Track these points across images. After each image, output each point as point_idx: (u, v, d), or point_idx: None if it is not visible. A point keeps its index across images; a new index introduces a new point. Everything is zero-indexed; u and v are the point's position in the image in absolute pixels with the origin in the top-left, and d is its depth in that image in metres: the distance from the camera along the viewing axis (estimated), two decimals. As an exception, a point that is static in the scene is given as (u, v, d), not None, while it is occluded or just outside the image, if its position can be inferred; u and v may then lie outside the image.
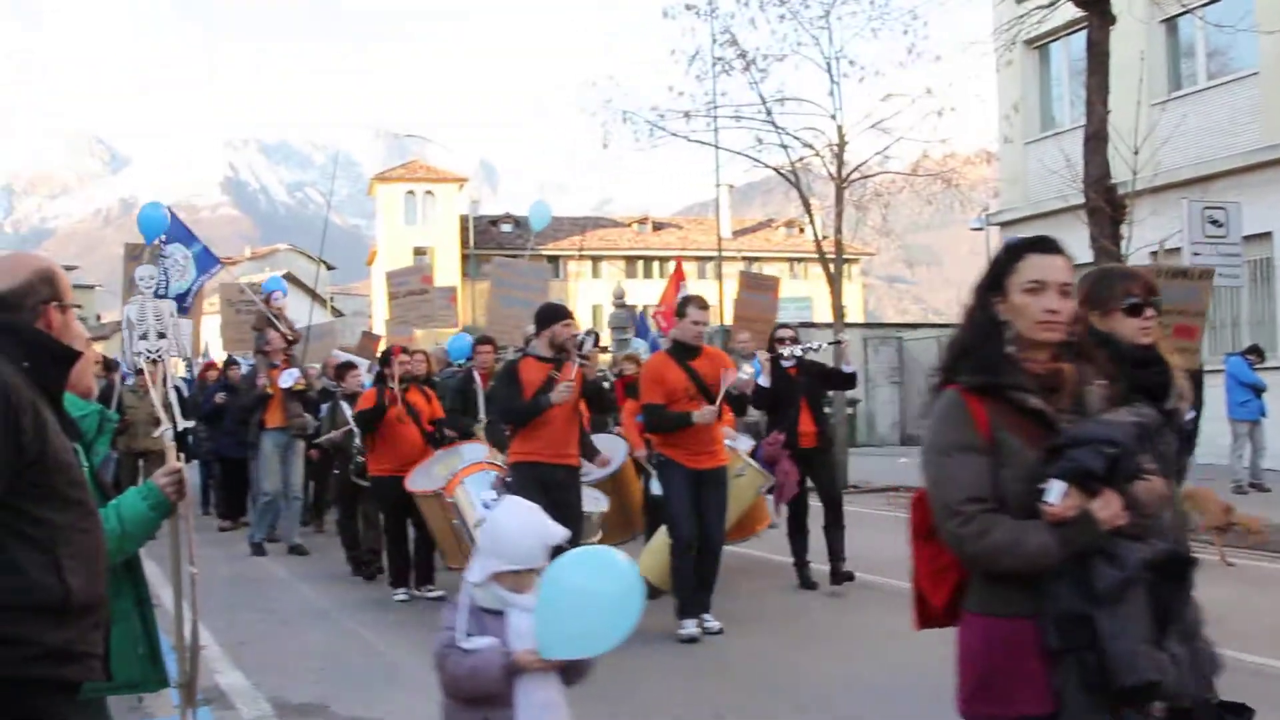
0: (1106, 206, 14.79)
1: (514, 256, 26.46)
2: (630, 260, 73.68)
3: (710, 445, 8.87)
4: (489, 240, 72.41)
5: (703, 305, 9.04)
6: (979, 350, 3.22)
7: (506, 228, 72.82)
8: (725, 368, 8.94)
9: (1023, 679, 3.01)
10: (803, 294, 58.96)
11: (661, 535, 9.27)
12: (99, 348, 44.54)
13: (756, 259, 64.44)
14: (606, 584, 3.75)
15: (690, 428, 8.65)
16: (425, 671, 7.92)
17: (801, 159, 24.95)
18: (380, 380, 11.29)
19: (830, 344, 10.84)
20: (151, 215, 16.54)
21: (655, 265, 76.02)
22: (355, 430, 11.77)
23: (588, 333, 9.10)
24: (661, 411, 8.79)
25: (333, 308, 59.90)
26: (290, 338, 15.34)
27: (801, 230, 67.22)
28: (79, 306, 3.41)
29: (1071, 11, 16.85)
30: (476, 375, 12.20)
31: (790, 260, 72.16)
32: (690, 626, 8.56)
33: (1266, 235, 19.57)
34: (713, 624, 8.75)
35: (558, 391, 8.38)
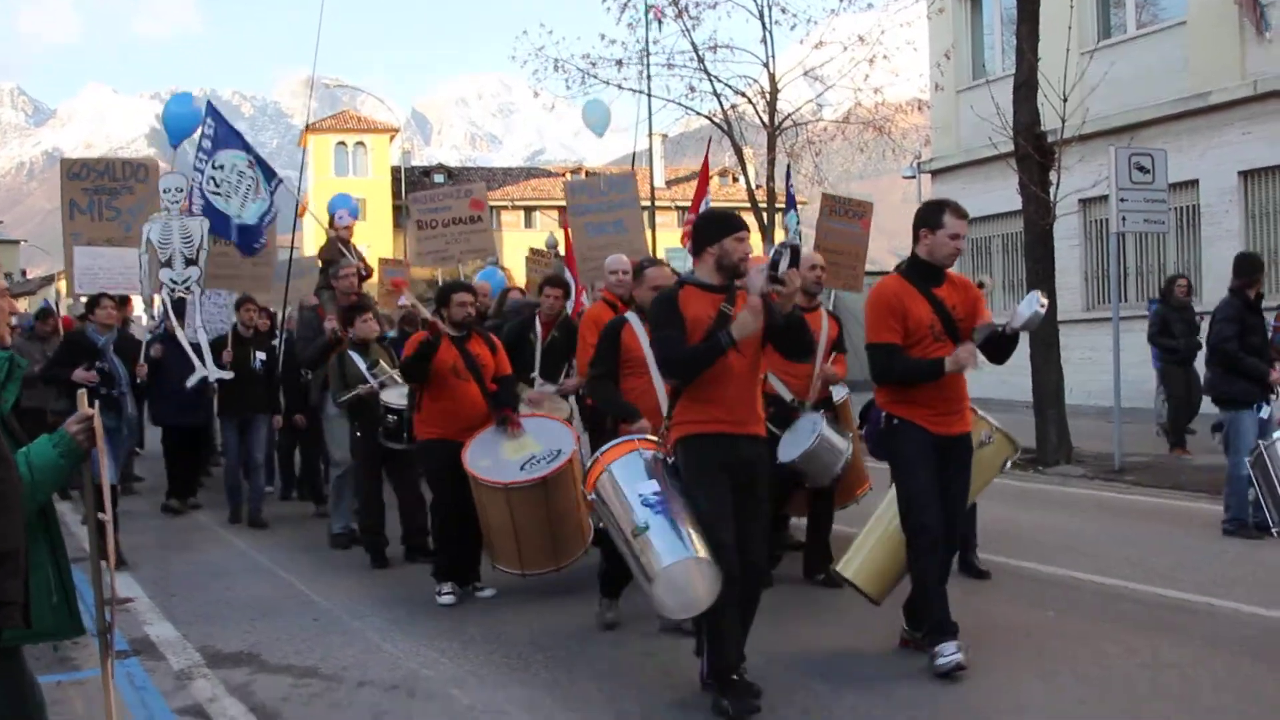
0: (1035, 154, 14.91)
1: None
2: (563, 210, 73.30)
3: (959, 402, 6.50)
4: (421, 191, 71.73)
5: (962, 214, 6.53)
6: None
7: (439, 178, 72.21)
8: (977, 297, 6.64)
9: None
10: (737, 244, 58.94)
11: (882, 525, 7.08)
12: (22, 304, 43.74)
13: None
14: None
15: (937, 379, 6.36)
16: (357, 619, 7.94)
17: (734, 106, 24.96)
18: (431, 349, 8.75)
19: None
20: (178, 112, 13.60)
21: (589, 216, 75.68)
22: (377, 384, 10.04)
23: (781, 246, 6.46)
24: (900, 357, 6.39)
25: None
26: (365, 272, 12.96)
27: (735, 180, 67.31)
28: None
29: (1002, -42, 16.87)
30: (538, 323, 10.38)
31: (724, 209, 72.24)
32: (950, 651, 6.18)
33: (1193, 183, 19.81)
34: (952, 657, 6.21)
35: (741, 322, 5.72)
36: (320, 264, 14.58)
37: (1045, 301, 6.44)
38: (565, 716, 5.77)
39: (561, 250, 18.64)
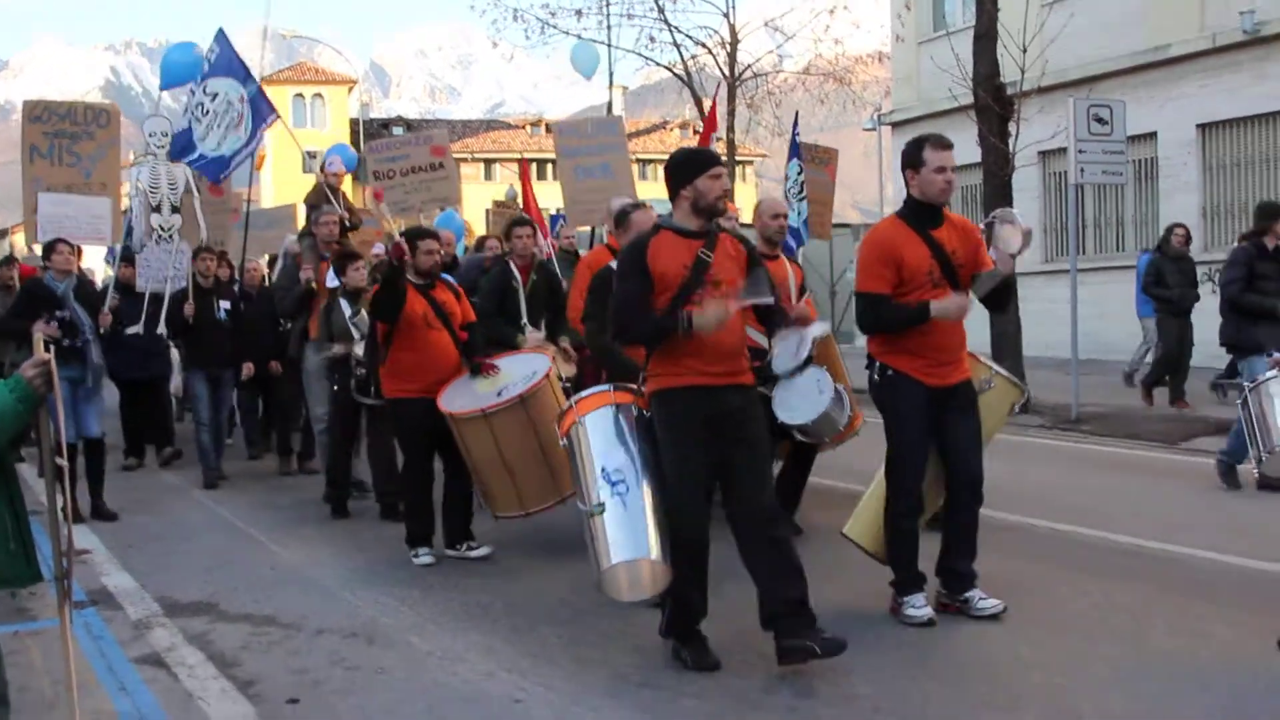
0: (995, 105, 14.94)
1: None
2: (524, 162, 72.95)
3: (956, 351, 6.21)
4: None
5: (943, 145, 6.19)
6: None
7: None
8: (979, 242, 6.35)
9: None
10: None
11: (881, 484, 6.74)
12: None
13: (651, 161, 64.05)
14: None
15: (930, 327, 6.04)
16: (315, 567, 7.94)
17: (694, 57, 24.90)
18: (396, 274, 8.34)
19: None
20: (180, 60, 12.78)
21: (549, 168, 75.47)
22: (358, 335, 9.90)
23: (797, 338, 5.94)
24: (887, 305, 6.10)
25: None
26: (350, 221, 12.64)
27: (696, 132, 67.04)
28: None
29: (963, -92, 16.83)
30: (514, 267, 9.77)
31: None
32: (920, 604, 6.18)
33: (1151, 135, 19.91)
34: (988, 603, 6.23)
35: (710, 310, 5.36)
36: (306, 209, 14.15)
37: (1015, 209, 6.24)
38: (523, 663, 5.78)
39: (520, 203, 18.70)
